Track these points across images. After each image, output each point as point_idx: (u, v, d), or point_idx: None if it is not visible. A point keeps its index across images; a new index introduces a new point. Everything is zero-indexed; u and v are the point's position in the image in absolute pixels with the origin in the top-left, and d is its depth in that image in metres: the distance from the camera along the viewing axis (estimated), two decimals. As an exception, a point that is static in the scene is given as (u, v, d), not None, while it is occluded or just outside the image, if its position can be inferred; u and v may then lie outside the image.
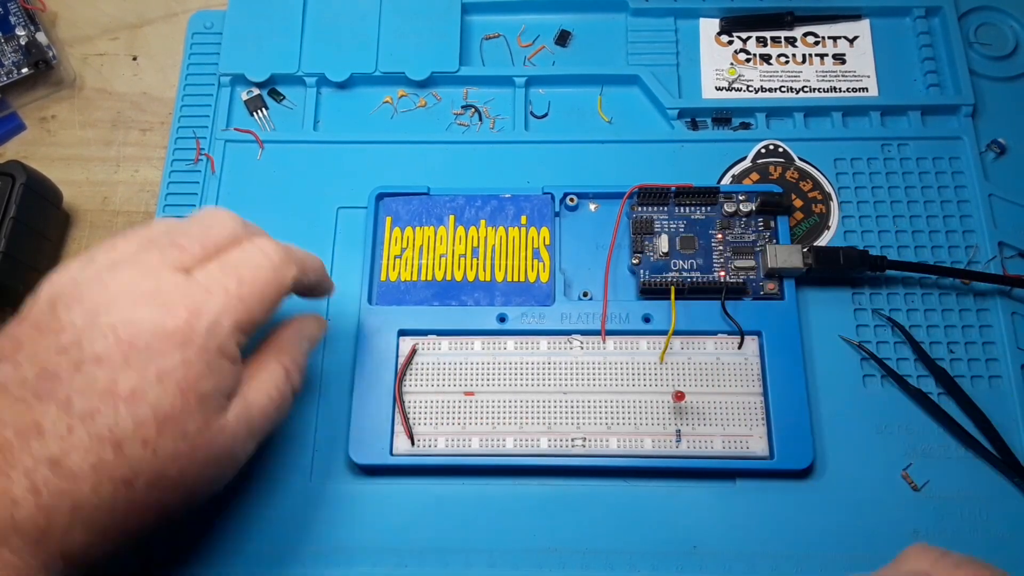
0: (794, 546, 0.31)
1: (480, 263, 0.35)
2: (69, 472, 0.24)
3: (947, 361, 0.34)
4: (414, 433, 0.32)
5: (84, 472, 0.24)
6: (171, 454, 0.25)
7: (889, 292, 0.35)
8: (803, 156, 0.38)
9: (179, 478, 0.25)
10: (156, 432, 0.25)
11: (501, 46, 0.41)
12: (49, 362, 0.24)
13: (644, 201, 0.36)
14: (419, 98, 0.40)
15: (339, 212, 0.37)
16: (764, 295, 0.34)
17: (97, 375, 0.24)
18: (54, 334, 0.25)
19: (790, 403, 0.32)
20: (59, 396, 0.24)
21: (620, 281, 0.35)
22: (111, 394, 0.24)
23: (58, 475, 0.24)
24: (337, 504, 0.32)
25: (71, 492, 0.24)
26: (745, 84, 0.40)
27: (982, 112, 0.38)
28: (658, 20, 0.41)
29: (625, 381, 0.33)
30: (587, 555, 0.31)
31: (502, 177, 0.38)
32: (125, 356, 0.25)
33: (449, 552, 0.31)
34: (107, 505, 0.24)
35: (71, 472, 0.24)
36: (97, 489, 0.24)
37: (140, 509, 0.25)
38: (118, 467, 0.24)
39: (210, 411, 0.26)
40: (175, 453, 0.25)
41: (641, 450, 0.32)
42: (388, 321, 0.34)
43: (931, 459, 0.32)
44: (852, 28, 0.41)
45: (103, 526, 0.25)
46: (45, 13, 0.42)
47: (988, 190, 0.37)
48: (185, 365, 0.25)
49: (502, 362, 0.33)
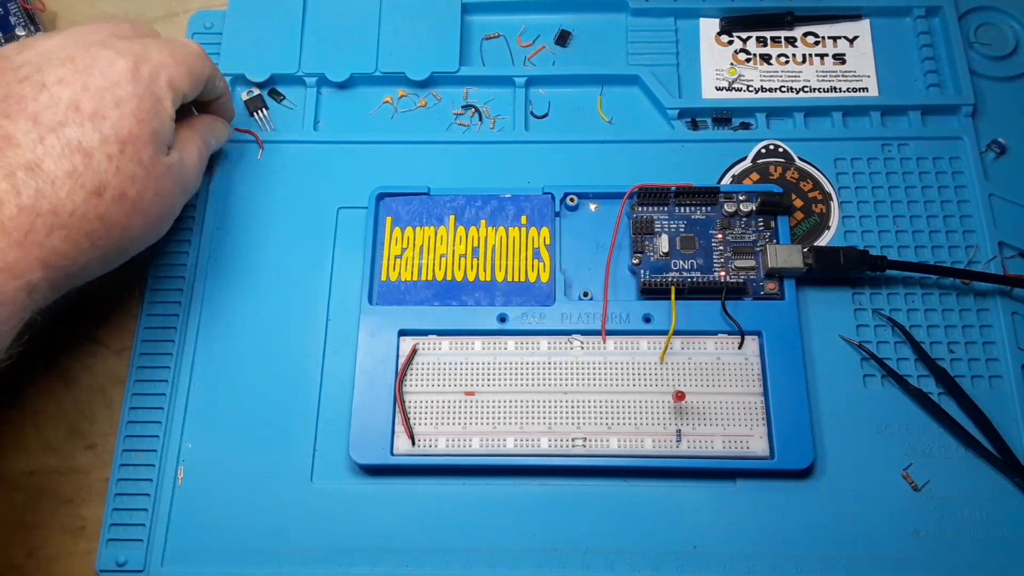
0: (794, 546, 0.31)
1: (480, 263, 0.35)
2: (46, 175, 0.26)
3: (947, 361, 0.34)
4: (415, 433, 0.32)
5: (59, 177, 0.26)
6: (131, 175, 0.28)
7: (889, 292, 0.35)
8: (803, 156, 0.38)
9: (137, 200, 0.29)
10: (119, 150, 0.28)
11: (501, 46, 0.41)
12: (11, 89, 0.27)
13: (644, 201, 0.36)
14: (419, 98, 0.40)
15: (339, 212, 0.37)
16: (764, 295, 0.34)
17: (60, 94, 0.27)
18: (11, 71, 0.28)
19: (790, 403, 0.32)
20: (27, 112, 0.27)
21: (620, 281, 0.35)
22: (76, 110, 0.27)
23: (35, 178, 0.26)
24: (337, 504, 0.32)
25: (49, 195, 0.26)
26: (745, 84, 0.40)
27: (982, 112, 0.38)
28: (658, 20, 0.41)
29: (625, 381, 0.33)
30: (587, 555, 0.31)
31: (502, 177, 0.38)
32: (84, 82, 0.28)
33: (449, 552, 0.31)
34: (80, 213, 0.27)
35: (48, 175, 0.26)
36: (72, 195, 0.27)
37: (107, 226, 0.28)
38: (88, 176, 0.27)
39: (158, 148, 0.30)
40: (134, 175, 0.28)
41: (641, 450, 0.32)
42: (388, 321, 0.34)
43: (931, 459, 0.32)
44: (852, 28, 0.41)
45: (77, 238, 0.27)
46: (45, 13, 0.42)
47: (988, 190, 0.37)
48: (136, 98, 0.29)
49: (502, 362, 0.33)
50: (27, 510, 0.34)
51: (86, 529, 0.33)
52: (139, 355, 0.35)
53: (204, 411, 0.34)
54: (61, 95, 0.27)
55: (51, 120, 0.27)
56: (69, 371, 0.36)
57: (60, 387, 0.36)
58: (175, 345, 0.35)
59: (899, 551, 0.31)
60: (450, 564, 0.31)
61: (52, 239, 0.26)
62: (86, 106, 0.27)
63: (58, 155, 0.27)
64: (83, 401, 0.35)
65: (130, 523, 0.32)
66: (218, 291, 0.36)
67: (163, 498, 0.32)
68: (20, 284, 0.26)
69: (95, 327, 0.36)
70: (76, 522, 0.33)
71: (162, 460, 0.33)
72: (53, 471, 0.34)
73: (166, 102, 0.30)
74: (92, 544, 0.32)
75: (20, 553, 0.33)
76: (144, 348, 0.35)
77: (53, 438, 0.35)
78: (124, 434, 0.33)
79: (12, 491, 0.34)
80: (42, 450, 0.35)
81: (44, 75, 0.28)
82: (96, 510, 0.33)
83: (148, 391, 0.34)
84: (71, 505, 0.34)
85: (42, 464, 0.34)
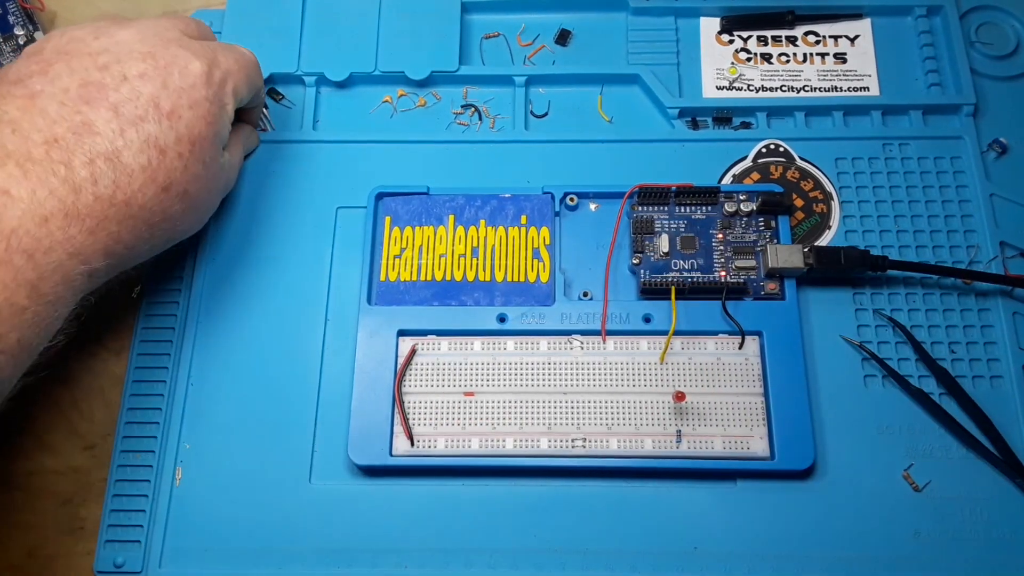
0: (795, 547, 0.31)
1: (480, 263, 0.35)
2: (123, 168, 0.27)
3: (948, 361, 0.34)
4: (414, 434, 0.32)
5: (135, 171, 0.27)
6: (194, 174, 0.29)
7: (890, 292, 0.35)
8: (804, 156, 0.38)
9: (195, 197, 0.30)
10: (189, 150, 0.29)
11: (501, 45, 0.41)
12: (91, 76, 0.28)
13: (644, 201, 0.36)
14: (419, 97, 0.40)
15: (338, 212, 0.37)
16: (765, 295, 0.34)
17: (142, 89, 0.28)
18: (89, 56, 0.29)
19: (791, 403, 0.32)
20: (109, 102, 0.27)
21: (620, 281, 0.35)
22: (156, 107, 0.28)
23: (113, 169, 0.27)
24: (337, 504, 0.32)
25: (124, 187, 0.27)
26: (746, 83, 0.39)
27: (983, 112, 0.38)
28: (658, 19, 0.41)
29: (625, 381, 0.33)
30: (587, 555, 0.31)
31: (502, 177, 0.38)
32: (164, 80, 0.29)
33: (449, 552, 0.31)
34: (149, 207, 0.28)
35: (125, 168, 0.27)
36: (144, 189, 0.28)
37: (166, 219, 0.29)
38: (160, 172, 0.28)
39: (218, 150, 0.31)
40: (196, 174, 0.29)
41: (641, 450, 0.32)
42: (388, 321, 0.34)
43: (932, 459, 0.32)
44: (853, 27, 0.41)
45: (140, 230, 0.28)
46: (44, 12, 0.42)
47: (989, 190, 0.36)
48: (208, 101, 0.30)
49: (502, 362, 0.33)
50: (26, 510, 0.34)
51: (85, 529, 0.33)
52: (137, 355, 0.35)
53: (202, 411, 0.34)
54: (143, 90, 0.28)
55: (132, 114, 0.28)
56: (69, 371, 0.36)
57: (60, 387, 0.36)
58: (173, 345, 0.35)
59: (900, 552, 0.31)
60: (450, 564, 0.31)
61: (120, 229, 0.27)
62: (164, 104, 0.28)
63: (137, 150, 0.27)
64: (82, 401, 0.35)
65: (128, 524, 0.32)
66: (217, 291, 0.36)
67: (161, 499, 0.32)
68: (84, 269, 0.27)
69: (95, 327, 0.36)
70: (75, 522, 0.33)
71: (160, 461, 0.33)
72: (52, 471, 0.34)
73: (229, 107, 0.31)
74: (91, 544, 0.32)
75: (19, 553, 0.33)
76: (143, 348, 0.35)
77: (52, 438, 0.35)
78: (122, 434, 0.33)
79: (12, 491, 0.34)
80: (41, 450, 0.35)
81: (125, 67, 0.28)
82: (95, 510, 0.33)
83: (146, 391, 0.34)
84: (70, 505, 0.34)
85: (41, 464, 0.34)
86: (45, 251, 0.25)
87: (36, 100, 0.27)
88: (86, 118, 0.27)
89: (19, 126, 0.26)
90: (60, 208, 0.26)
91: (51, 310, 0.26)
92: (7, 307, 0.25)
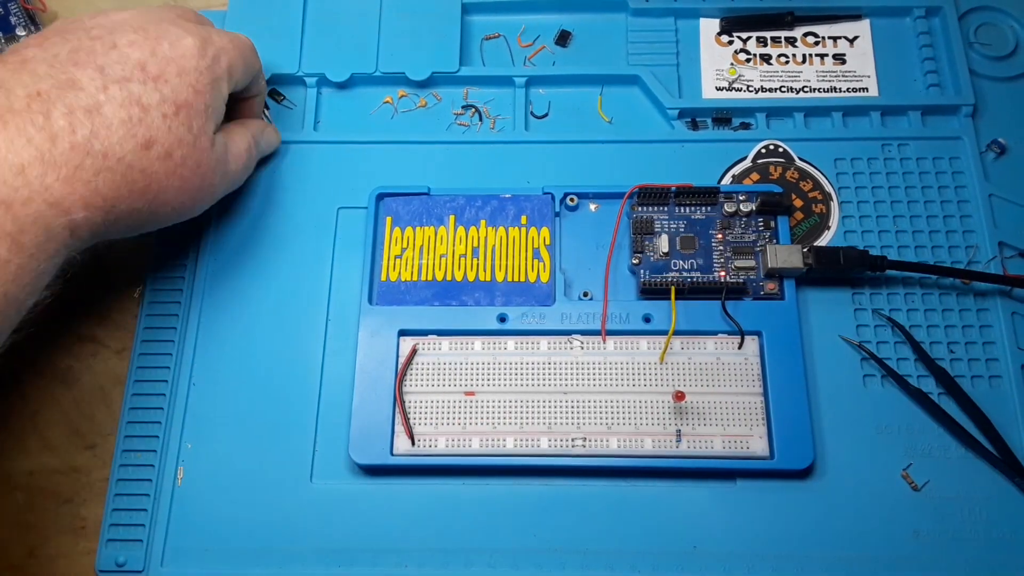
0: (794, 546, 0.31)
1: (480, 263, 0.35)
2: (103, 119, 0.27)
3: (947, 361, 0.34)
4: (414, 433, 0.32)
5: (115, 124, 0.27)
6: (179, 137, 0.29)
7: (889, 292, 0.35)
8: (803, 156, 0.38)
9: (180, 164, 0.30)
10: (173, 111, 0.29)
11: (501, 46, 0.41)
12: (82, 43, 0.29)
13: (644, 201, 0.36)
14: (419, 98, 0.40)
15: (339, 212, 0.37)
16: (764, 295, 0.34)
17: (130, 54, 0.29)
18: (83, 30, 0.29)
19: (790, 403, 0.32)
20: (96, 63, 0.28)
21: (620, 281, 0.35)
22: (142, 70, 0.29)
23: (93, 120, 0.27)
24: (337, 504, 0.32)
25: (103, 137, 0.27)
26: (745, 84, 0.40)
27: (982, 112, 0.38)
28: (658, 20, 0.41)
29: (625, 381, 0.33)
30: (587, 555, 0.31)
31: (502, 177, 0.38)
32: (152, 49, 0.29)
33: (449, 552, 0.31)
34: (128, 161, 0.28)
35: (105, 120, 0.27)
36: (123, 142, 0.28)
37: (147, 180, 0.29)
38: (141, 128, 0.28)
39: (209, 123, 0.31)
40: (181, 138, 0.29)
41: (641, 450, 0.32)
42: (388, 321, 0.34)
43: (931, 459, 0.32)
44: (852, 28, 0.41)
45: (120, 185, 0.28)
46: (46, 13, 0.42)
47: (988, 190, 0.37)
48: (198, 72, 0.30)
49: (502, 362, 0.33)
50: (27, 510, 0.34)
51: (86, 529, 0.33)
52: (139, 355, 0.35)
53: (204, 411, 0.34)
54: (131, 55, 0.29)
55: (117, 74, 0.28)
56: (69, 371, 0.36)
57: (60, 387, 0.36)
58: (175, 345, 0.35)
59: (899, 551, 0.31)
60: (450, 564, 0.31)
61: (97, 180, 0.27)
62: (152, 69, 0.29)
63: (118, 104, 0.28)
64: (83, 401, 0.35)
65: (129, 523, 0.32)
66: (218, 291, 0.36)
67: (163, 498, 0.32)
68: (64, 221, 0.27)
69: (95, 327, 0.36)
70: (76, 522, 0.33)
71: (162, 460, 0.33)
72: (53, 471, 0.34)
73: (222, 84, 0.32)
74: (92, 544, 0.32)
75: (20, 553, 0.33)
76: (144, 348, 0.35)
77: (53, 438, 0.35)
78: (124, 434, 0.33)
79: (12, 491, 0.34)
80: (42, 450, 0.35)
81: (116, 37, 0.29)
82: (96, 510, 0.33)
83: (148, 391, 0.34)
84: (71, 505, 0.34)
85: (42, 464, 0.34)
86: (23, 202, 0.25)
87: (27, 64, 0.28)
88: (71, 76, 0.27)
89: (5, 84, 0.27)
90: (36, 156, 0.26)
91: (34, 263, 0.26)
92: None
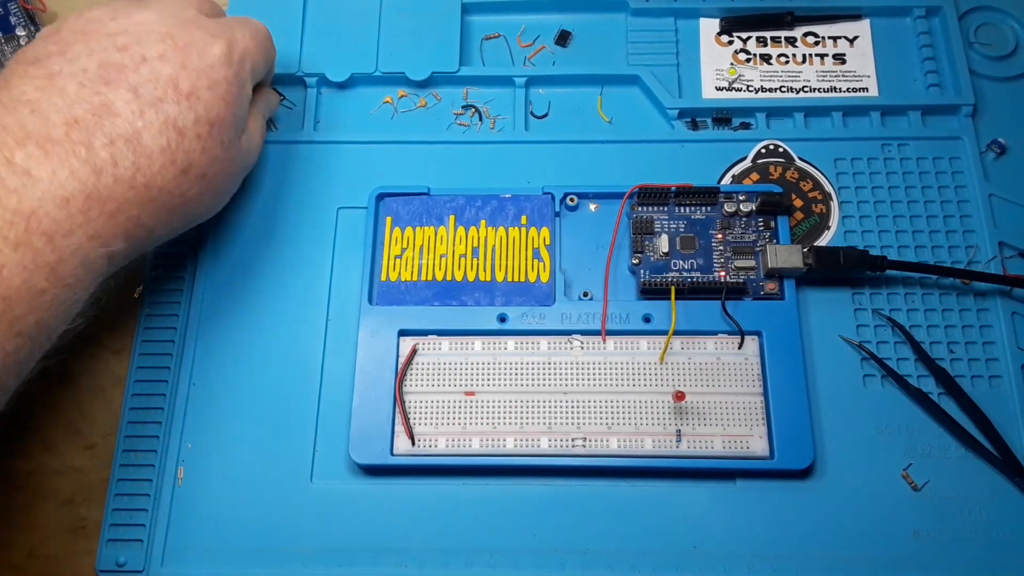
0: (794, 546, 0.31)
1: (480, 263, 0.35)
2: (143, 150, 0.27)
3: (947, 361, 0.34)
4: (415, 433, 0.32)
5: (154, 152, 0.27)
6: (213, 156, 0.29)
7: (889, 292, 0.35)
8: (803, 156, 0.38)
9: (213, 179, 0.30)
10: (207, 131, 0.29)
11: (501, 46, 0.41)
12: (110, 57, 0.27)
13: (644, 201, 0.36)
14: (419, 98, 0.40)
15: (339, 212, 0.37)
16: (764, 295, 0.34)
17: (161, 70, 0.28)
18: (107, 37, 0.28)
19: (790, 403, 0.32)
20: (128, 82, 0.27)
21: (620, 281, 0.35)
22: (175, 88, 0.28)
23: (133, 151, 0.27)
24: (337, 504, 0.32)
25: (144, 169, 0.27)
26: (745, 84, 0.40)
27: (982, 112, 0.38)
28: (658, 20, 0.41)
29: (625, 381, 0.33)
30: (587, 555, 0.31)
31: (502, 177, 0.38)
32: (183, 61, 0.28)
33: (449, 552, 0.31)
34: (168, 189, 0.28)
35: (145, 150, 0.27)
36: (163, 171, 0.27)
37: (185, 202, 0.29)
38: (179, 153, 0.28)
39: (237, 131, 0.31)
40: (215, 156, 0.29)
41: (641, 450, 0.32)
42: (388, 321, 0.34)
43: (931, 459, 0.32)
44: (852, 28, 0.41)
45: (160, 212, 0.28)
46: (45, 13, 0.42)
47: (988, 190, 0.37)
48: (227, 82, 0.29)
49: (502, 362, 0.33)
50: (27, 510, 0.34)
51: (86, 529, 0.33)
52: (139, 355, 0.35)
53: (204, 411, 0.34)
54: (162, 71, 0.28)
55: (151, 95, 0.27)
56: (69, 371, 0.36)
57: (60, 387, 0.36)
58: (175, 345, 0.35)
59: (899, 551, 0.31)
60: (450, 564, 0.31)
61: (140, 212, 0.27)
62: (184, 85, 0.28)
63: (156, 131, 0.27)
64: (83, 401, 0.35)
65: (130, 523, 0.32)
66: (218, 291, 0.36)
67: (163, 498, 0.32)
68: (104, 252, 0.26)
69: (95, 327, 0.36)
70: (76, 522, 0.33)
71: (162, 460, 0.33)
72: (53, 471, 0.34)
73: (248, 87, 0.31)
74: (92, 544, 0.32)
75: (20, 553, 0.33)
76: (144, 348, 0.35)
77: (53, 438, 0.35)
78: (124, 434, 0.33)
79: (12, 491, 0.34)
80: (42, 450, 0.35)
81: (144, 48, 0.28)
82: (96, 510, 0.33)
83: (148, 391, 0.34)
84: (71, 505, 0.34)
85: (42, 464, 0.34)
86: (65, 233, 0.25)
87: (55, 80, 0.27)
88: (105, 99, 0.27)
89: (38, 107, 0.26)
90: (81, 190, 0.25)
91: (70, 293, 0.26)
92: (26, 289, 0.25)
